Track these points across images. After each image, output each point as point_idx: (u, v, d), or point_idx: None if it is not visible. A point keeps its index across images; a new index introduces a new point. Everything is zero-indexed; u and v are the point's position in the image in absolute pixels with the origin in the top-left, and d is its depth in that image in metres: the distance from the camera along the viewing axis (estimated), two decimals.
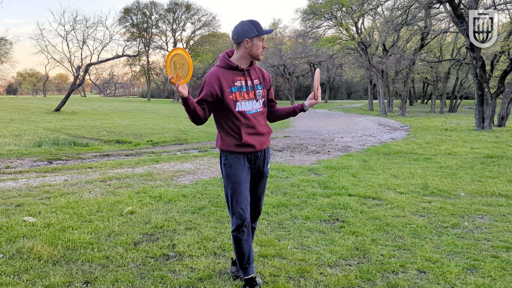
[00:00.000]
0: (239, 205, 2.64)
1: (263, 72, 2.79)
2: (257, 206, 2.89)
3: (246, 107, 2.63)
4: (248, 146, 2.65)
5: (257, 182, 2.82)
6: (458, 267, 3.12)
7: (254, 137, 2.66)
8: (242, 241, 2.68)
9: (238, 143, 2.63)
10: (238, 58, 2.65)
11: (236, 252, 2.73)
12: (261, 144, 2.71)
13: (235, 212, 2.65)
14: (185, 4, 57.49)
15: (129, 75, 75.98)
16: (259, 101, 2.71)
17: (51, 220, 4.08)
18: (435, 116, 26.35)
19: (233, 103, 2.59)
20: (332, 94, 71.21)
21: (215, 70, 2.63)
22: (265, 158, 2.80)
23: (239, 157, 2.66)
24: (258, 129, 2.68)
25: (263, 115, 2.76)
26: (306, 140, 12.01)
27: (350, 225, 4.08)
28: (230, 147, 2.65)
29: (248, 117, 2.63)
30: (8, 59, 46.24)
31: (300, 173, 6.65)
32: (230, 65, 2.63)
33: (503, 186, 5.80)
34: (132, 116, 22.34)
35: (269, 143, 2.82)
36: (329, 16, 27.90)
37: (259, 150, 2.71)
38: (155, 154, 8.95)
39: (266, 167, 2.82)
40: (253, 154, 2.71)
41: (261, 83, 2.73)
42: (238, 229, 2.66)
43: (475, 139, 11.69)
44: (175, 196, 5.09)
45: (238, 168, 2.65)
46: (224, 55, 2.69)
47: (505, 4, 15.47)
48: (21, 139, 10.89)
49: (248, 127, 2.64)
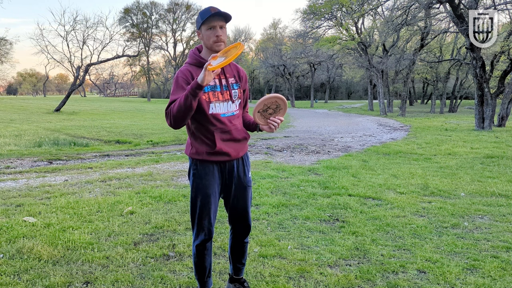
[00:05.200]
0: (209, 219, 2.41)
1: (239, 70, 2.47)
2: (246, 221, 2.57)
3: (221, 110, 2.31)
4: (222, 154, 2.34)
5: (240, 194, 2.49)
6: (458, 267, 3.12)
7: (230, 143, 2.36)
8: (206, 254, 2.48)
9: (211, 151, 2.32)
10: (205, 53, 2.34)
11: (197, 267, 2.52)
12: (237, 152, 2.40)
13: (203, 227, 2.41)
14: (185, 4, 57.59)
15: (129, 75, 76.12)
16: (235, 102, 2.38)
17: (51, 220, 4.08)
18: (435, 116, 26.35)
19: (206, 105, 2.28)
20: (332, 94, 71.25)
21: (186, 67, 2.33)
22: (245, 167, 2.49)
23: (211, 166, 2.37)
24: (234, 135, 2.37)
25: (239, 118, 2.43)
26: (306, 140, 12.01)
27: (350, 225, 4.08)
28: (201, 155, 2.35)
29: (223, 121, 2.32)
30: (8, 59, 46.23)
31: (300, 173, 6.65)
32: (201, 62, 2.31)
33: (503, 186, 5.80)
34: (132, 116, 22.34)
35: (246, 150, 2.52)
36: (329, 16, 27.93)
37: (234, 158, 2.41)
38: (155, 154, 8.95)
39: (248, 177, 2.51)
40: (228, 163, 2.41)
41: (237, 82, 2.41)
42: (204, 244, 2.45)
43: (475, 139, 11.69)
44: (175, 196, 5.09)
45: (209, 179, 2.36)
46: (194, 51, 2.39)
47: (505, 4, 15.47)
48: (21, 139, 10.89)
49: (223, 133, 2.33)
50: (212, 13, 2.20)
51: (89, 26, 59.62)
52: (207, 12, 2.21)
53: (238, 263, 2.72)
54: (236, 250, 2.68)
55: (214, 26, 2.23)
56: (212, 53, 2.28)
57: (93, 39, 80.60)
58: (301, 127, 17.06)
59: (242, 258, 2.71)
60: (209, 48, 2.29)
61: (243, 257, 2.71)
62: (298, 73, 50.47)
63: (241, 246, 2.66)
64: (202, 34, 2.29)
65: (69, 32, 60.10)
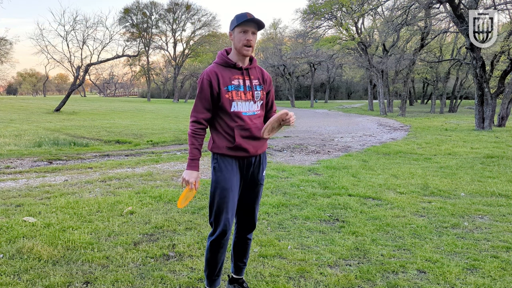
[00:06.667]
0: (226, 214, 2.45)
1: (264, 73, 2.59)
2: (252, 217, 2.64)
3: (242, 108, 2.43)
4: (241, 149, 2.44)
5: (251, 191, 2.58)
6: (458, 267, 3.12)
7: (249, 141, 2.45)
8: (219, 251, 2.50)
9: (231, 146, 2.43)
10: (233, 54, 2.49)
11: (209, 262, 2.54)
12: (256, 149, 2.49)
13: (221, 221, 2.45)
14: (185, 4, 57.55)
15: (129, 75, 76.10)
16: (257, 103, 2.50)
17: (51, 220, 4.08)
18: (435, 116, 26.35)
19: (229, 103, 2.41)
20: (332, 94, 71.26)
21: (213, 67, 2.47)
22: (261, 165, 2.58)
23: (231, 161, 2.46)
24: (254, 133, 2.46)
25: (261, 118, 2.54)
26: (306, 140, 12.01)
27: (350, 225, 4.08)
28: (221, 150, 2.45)
29: (244, 119, 2.43)
30: (8, 59, 46.22)
31: (300, 173, 6.65)
32: (228, 62, 2.46)
33: (503, 186, 5.80)
34: (132, 116, 22.34)
35: (265, 149, 2.61)
36: (329, 16, 27.94)
37: (253, 155, 2.50)
38: (155, 154, 8.95)
39: (262, 175, 2.59)
40: (246, 160, 2.50)
41: (261, 84, 2.54)
42: (220, 240, 2.47)
43: (475, 139, 11.69)
44: (175, 196, 5.09)
45: (229, 173, 2.45)
46: (222, 52, 2.53)
47: (505, 4, 15.48)
48: (21, 139, 10.89)
49: (243, 130, 2.43)
50: (248, 18, 2.35)
51: (89, 26, 59.39)
52: (243, 17, 2.37)
53: (239, 262, 2.73)
54: (239, 247, 2.70)
55: (247, 31, 2.38)
56: (240, 56, 2.45)
57: (93, 39, 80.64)
58: (301, 127, 17.06)
59: (243, 257, 2.72)
60: (238, 50, 2.43)
61: (245, 255, 2.73)
62: (298, 73, 50.49)
63: (244, 242, 2.69)
64: (234, 35, 2.42)
65: (69, 32, 60.09)
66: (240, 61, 2.48)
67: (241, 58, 2.46)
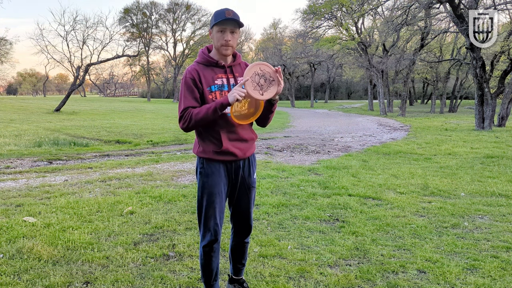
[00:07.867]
0: (215, 219, 2.38)
1: None
2: (247, 221, 2.57)
3: (227, 109, 2.27)
4: (229, 154, 2.34)
5: (245, 195, 2.50)
6: (458, 267, 3.12)
7: (236, 143, 2.36)
8: (212, 257, 2.45)
9: (218, 150, 2.32)
10: (214, 52, 2.36)
11: (204, 268, 2.48)
12: (244, 152, 2.40)
13: (209, 227, 2.38)
14: (185, 4, 57.55)
15: (129, 75, 76.07)
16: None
17: (51, 220, 4.08)
18: (435, 116, 26.35)
19: None
20: (332, 94, 71.24)
21: (194, 66, 2.34)
22: (250, 168, 2.48)
23: (218, 165, 2.37)
24: (241, 135, 2.36)
25: None
26: (306, 140, 12.01)
27: (350, 225, 4.08)
28: (208, 154, 2.35)
29: (230, 121, 2.31)
30: (8, 59, 46.15)
31: (300, 173, 6.65)
32: (210, 61, 2.33)
33: (503, 186, 5.80)
34: (132, 116, 22.34)
35: (254, 151, 2.51)
36: (329, 16, 27.96)
37: (241, 158, 2.40)
38: (155, 154, 8.95)
39: (253, 178, 2.51)
40: (234, 163, 2.40)
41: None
42: (211, 245, 2.40)
43: (475, 139, 11.69)
44: (175, 196, 5.09)
45: (216, 178, 2.36)
46: (203, 50, 2.39)
47: (505, 4, 15.48)
48: (21, 139, 10.89)
49: (229, 132, 2.33)
50: (226, 17, 2.22)
51: (89, 26, 59.28)
52: (221, 15, 2.23)
53: (238, 263, 2.72)
54: (237, 250, 2.68)
55: (225, 30, 2.26)
56: (219, 55, 2.33)
57: (93, 39, 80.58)
58: (301, 127, 17.06)
59: (242, 259, 2.71)
60: (217, 50, 2.32)
61: (243, 257, 2.71)
62: (298, 73, 50.45)
63: (241, 246, 2.66)
64: (213, 34, 2.31)
65: (69, 32, 60.01)
66: (222, 59, 2.36)
67: (221, 55, 2.34)
